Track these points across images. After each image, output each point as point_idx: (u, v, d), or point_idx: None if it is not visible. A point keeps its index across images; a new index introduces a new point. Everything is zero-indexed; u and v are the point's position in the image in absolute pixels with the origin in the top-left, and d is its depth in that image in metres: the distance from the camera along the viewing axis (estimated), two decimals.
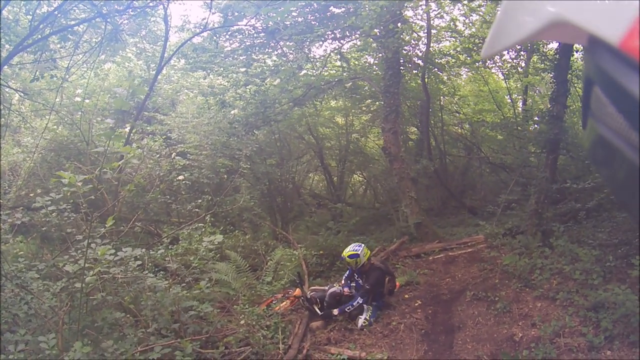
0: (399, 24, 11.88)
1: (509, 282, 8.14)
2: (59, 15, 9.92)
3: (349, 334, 7.67)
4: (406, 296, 8.85)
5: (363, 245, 8.61)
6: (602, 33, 0.68)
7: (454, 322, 7.54)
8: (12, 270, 5.65)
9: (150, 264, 6.77)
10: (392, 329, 7.61)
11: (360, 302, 8.04)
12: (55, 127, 12.68)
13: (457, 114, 17.28)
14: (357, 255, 8.34)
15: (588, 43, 0.74)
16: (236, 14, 12.57)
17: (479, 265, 9.39)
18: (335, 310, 8.09)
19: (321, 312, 8.16)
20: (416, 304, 8.41)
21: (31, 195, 9.46)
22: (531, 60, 14.27)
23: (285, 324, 7.86)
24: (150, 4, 10.85)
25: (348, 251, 8.43)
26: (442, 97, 16.89)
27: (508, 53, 14.02)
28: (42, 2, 9.94)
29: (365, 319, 7.89)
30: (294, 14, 12.40)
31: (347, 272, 8.80)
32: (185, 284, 6.92)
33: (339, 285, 8.71)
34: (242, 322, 7.41)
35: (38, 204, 5.71)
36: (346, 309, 8.03)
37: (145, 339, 5.74)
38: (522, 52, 14.04)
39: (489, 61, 14.77)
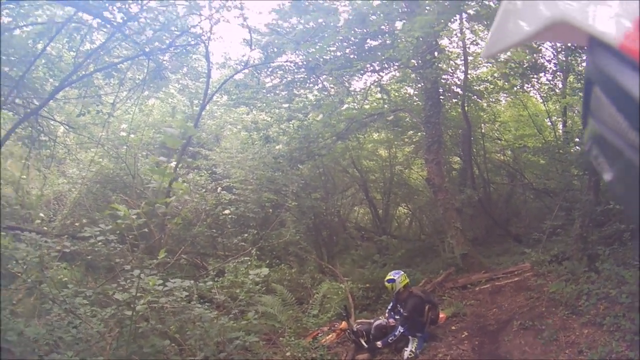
0: (436, 53, 11.92)
1: (555, 309, 8.00)
2: (102, 52, 10.28)
3: None
4: (453, 328, 8.78)
5: (402, 272, 8.70)
6: (602, 34, 0.69)
7: (500, 352, 7.45)
8: (62, 295, 5.83)
9: (196, 296, 6.88)
10: None
11: (402, 331, 8.04)
12: (100, 159, 12.99)
13: (499, 141, 17.06)
14: (393, 281, 8.44)
15: (588, 43, 0.74)
16: (276, 49, 12.83)
17: (526, 294, 9.23)
18: (378, 342, 8.09)
19: (367, 344, 8.16)
20: (463, 335, 8.34)
21: (76, 224, 9.71)
22: (568, 81, 14.05)
23: (331, 357, 7.92)
24: (192, 42, 11.15)
25: (387, 276, 8.65)
26: (482, 125, 16.74)
27: (545, 75, 13.86)
28: (84, 39, 10.31)
29: (411, 350, 7.88)
30: (332, 48, 12.58)
31: (391, 304, 8.82)
32: (231, 315, 7.00)
33: (385, 318, 8.71)
34: (288, 354, 7.45)
35: (87, 233, 5.91)
36: (389, 340, 8.05)
37: None
38: (558, 73, 13.86)
39: (526, 85, 14.64)
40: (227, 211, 11.43)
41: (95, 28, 10.34)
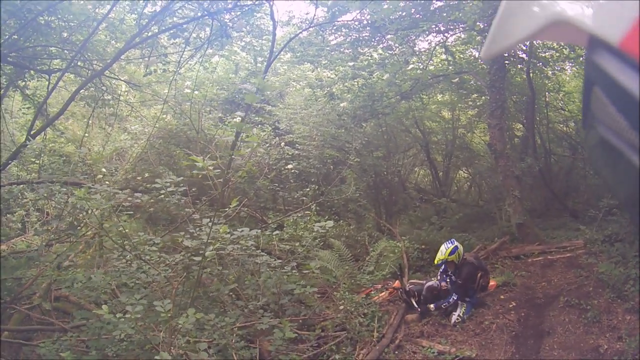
0: None
1: (602, 291, 7.97)
2: (166, 14, 10.54)
3: (442, 329, 7.85)
4: (502, 297, 8.83)
5: (453, 240, 8.67)
6: (602, 33, 0.71)
7: (544, 327, 7.51)
8: (132, 242, 6.23)
9: (255, 247, 7.15)
10: (484, 328, 7.70)
11: (455, 298, 8.16)
12: (164, 116, 13.40)
13: (563, 111, 16.65)
14: (457, 248, 8.32)
15: (588, 43, 0.75)
16: (340, 8, 12.83)
17: (576, 272, 9.17)
18: (431, 305, 8.26)
19: (418, 305, 8.35)
20: (510, 306, 8.41)
21: (138, 178, 10.16)
22: None
23: (382, 314, 8.11)
24: (256, 2, 11.27)
25: (445, 252, 8.32)
26: (547, 93, 16.32)
27: None
28: (147, 2, 10.59)
29: (458, 315, 8.03)
30: (397, 9, 12.54)
31: (442, 267, 8.82)
32: (290, 267, 7.24)
33: (437, 280, 8.87)
34: (341, 307, 7.76)
35: (158, 185, 6.19)
36: (442, 305, 8.20)
37: (245, 315, 6.20)
38: None
39: None
40: (289, 166, 11.69)
41: None
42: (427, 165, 18.78)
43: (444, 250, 8.38)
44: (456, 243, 8.49)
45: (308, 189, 11.85)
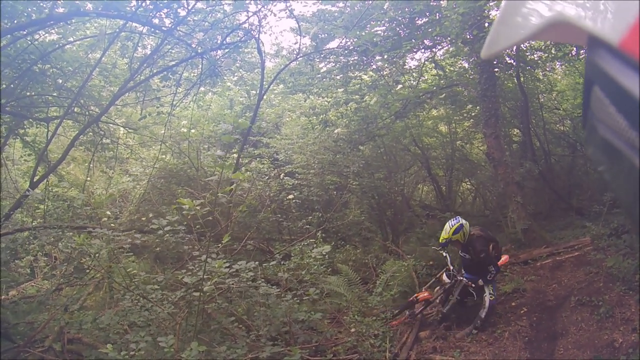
0: (486, 24, 11.72)
1: (613, 285, 7.89)
2: (156, 57, 10.75)
3: (455, 342, 7.78)
4: (513, 304, 8.80)
5: (459, 217, 8.26)
6: (602, 33, 0.71)
7: (557, 329, 7.47)
8: (134, 282, 6.33)
9: (262, 279, 7.14)
10: (496, 337, 7.65)
11: (466, 275, 8.13)
12: (163, 156, 13.56)
13: (557, 111, 16.77)
14: (462, 226, 7.97)
15: (588, 43, 0.75)
16: (326, 35, 12.97)
17: (585, 269, 9.09)
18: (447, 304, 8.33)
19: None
20: (522, 312, 8.36)
21: (143, 219, 10.18)
22: None
23: (393, 333, 8.09)
24: (242, 38, 11.44)
25: (449, 230, 7.98)
26: (540, 95, 16.38)
27: None
28: (137, 46, 10.88)
29: (490, 293, 7.89)
30: (382, 28, 12.63)
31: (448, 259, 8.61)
32: (296, 294, 7.30)
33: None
34: (353, 330, 7.72)
35: (155, 226, 6.29)
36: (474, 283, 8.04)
37: (256, 346, 6.17)
38: None
39: (582, 50, 14.23)
40: (290, 196, 11.74)
41: (146, 34, 10.83)
42: (429, 181, 18.77)
43: (447, 229, 8.05)
44: (461, 220, 8.10)
45: (311, 217, 11.85)
